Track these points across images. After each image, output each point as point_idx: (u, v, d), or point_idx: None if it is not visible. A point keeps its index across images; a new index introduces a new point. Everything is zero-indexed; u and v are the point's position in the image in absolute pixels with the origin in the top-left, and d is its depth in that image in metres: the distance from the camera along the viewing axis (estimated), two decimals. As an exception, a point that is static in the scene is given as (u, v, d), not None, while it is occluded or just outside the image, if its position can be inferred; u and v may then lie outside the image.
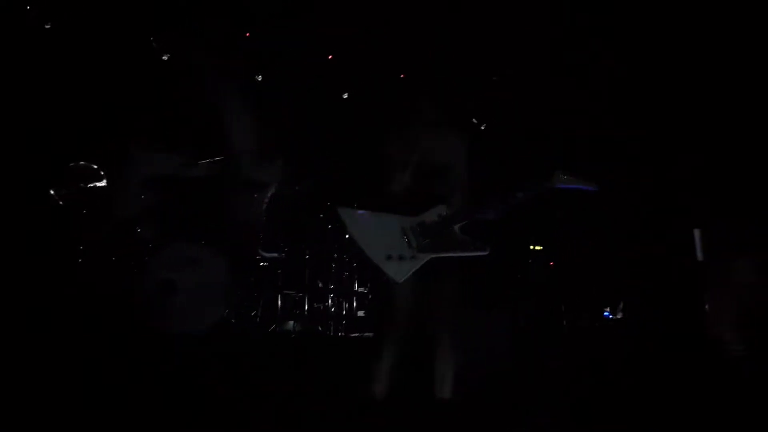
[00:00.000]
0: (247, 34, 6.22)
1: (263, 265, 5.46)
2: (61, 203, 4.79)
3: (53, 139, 5.12)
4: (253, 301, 5.32)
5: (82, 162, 4.96)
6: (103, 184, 4.99)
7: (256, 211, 5.50)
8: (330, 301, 5.74)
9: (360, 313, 5.83)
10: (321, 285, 5.73)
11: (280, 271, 5.46)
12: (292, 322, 5.49)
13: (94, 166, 5.00)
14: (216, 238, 5.07)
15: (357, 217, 2.91)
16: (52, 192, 4.78)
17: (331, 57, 6.36)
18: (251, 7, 6.00)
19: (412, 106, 3.09)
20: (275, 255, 5.45)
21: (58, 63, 5.37)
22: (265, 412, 3.31)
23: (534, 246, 5.90)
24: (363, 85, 6.39)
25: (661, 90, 5.67)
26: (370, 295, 5.75)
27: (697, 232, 5.71)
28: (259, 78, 6.36)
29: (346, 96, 6.48)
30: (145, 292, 4.45)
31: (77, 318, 4.15)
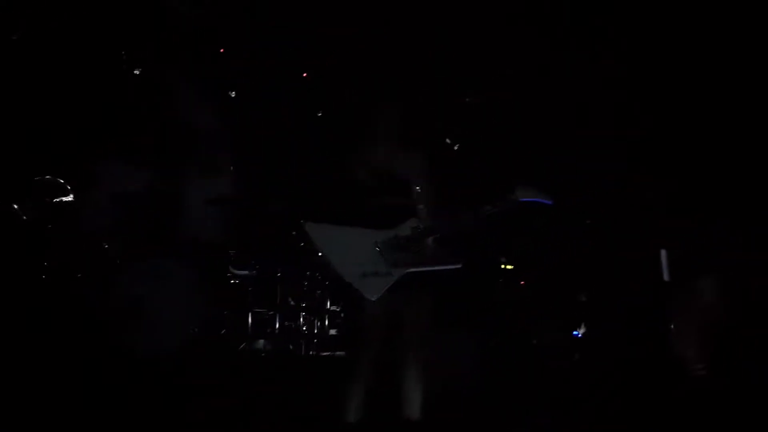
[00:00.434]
0: (221, 50, 6.21)
1: (234, 283, 5.40)
2: (26, 218, 4.69)
3: (19, 153, 5.01)
4: (223, 319, 5.24)
5: (49, 176, 4.87)
6: (70, 198, 4.90)
7: (226, 228, 5.46)
8: (302, 320, 5.69)
9: (332, 332, 5.78)
10: (293, 303, 5.68)
11: (251, 288, 5.40)
12: (262, 341, 5.42)
13: (61, 181, 4.91)
14: (184, 254, 5.01)
15: (328, 233, 2.85)
16: (17, 207, 4.68)
17: (306, 75, 6.38)
18: (226, 22, 6.00)
19: (373, 119, 3.07)
20: (246, 272, 5.40)
21: (26, 75, 5.27)
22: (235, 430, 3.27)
23: (505, 265, 5.95)
24: (329, 98, 6.38)
25: (628, 113, 5.82)
26: (342, 314, 5.72)
27: (663, 253, 5.85)
28: (232, 94, 6.34)
29: (320, 114, 6.49)
30: (112, 309, 4.36)
31: (41, 333, 4.05)
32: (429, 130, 3.27)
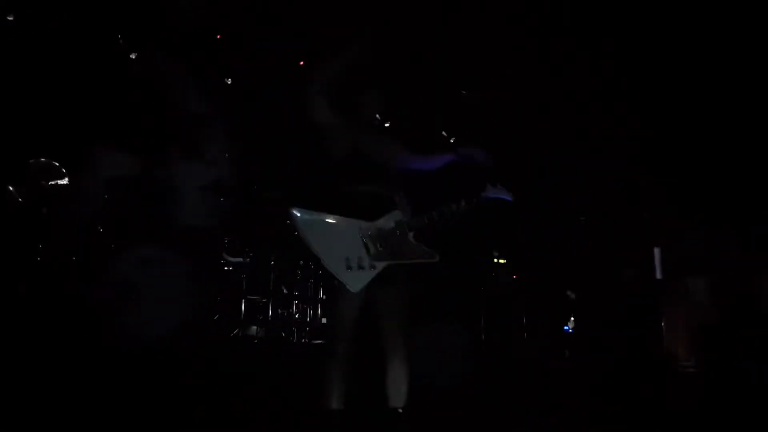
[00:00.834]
0: (218, 36, 6.17)
1: (227, 270, 5.41)
2: (20, 201, 4.68)
3: (14, 136, 5.00)
4: (216, 306, 5.26)
5: (44, 159, 4.86)
6: (65, 182, 4.89)
7: (221, 215, 5.45)
8: (294, 308, 5.71)
9: (324, 320, 5.81)
10: (285, 291, 5.70)
11: (244, 276, 5.41)
12: (255, 327, 5.44)
13: (56, 164, 4.90)
14: (179, 241, 5.01)
15: (314, 222, 2.83)
16: (12, 189, 4.67)
17: (302, 63, 6.34)
18: (221, 9, 5.95)
19: (353, 104, 3.06)
20: (240, 260, 5.41)
21: (21, 59, 5.24)
22: (226, 416, 3.29)
23: (498, 259, 5.96)
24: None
25: (622, 108, 5.81)
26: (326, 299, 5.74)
27: (657, 251, 5.88)
28: (228, 81, 6.31)
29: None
30: (105, 294, 4.36)
31: (34, 319, 4.05)
32: (425, 123, 3.27)
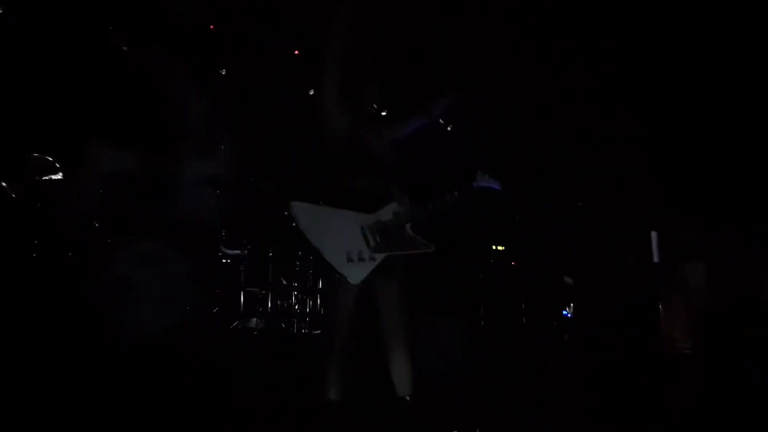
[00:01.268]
0: (211, 27, 6.12)
1: (225, 263, 5.40)
2: (14, 197, 4.64)
3: (7, 131, 4.95)
4: (215, 299, 5.25)
5: (37, 154, 4.82)
6: (59, 177, 4.85)
7: (218, 208, 5.44)
8: (293, 299, 5.71)
9: (323, 311, 5.81)
10: (284, 282, 5.69)
11: (242, 268, 5.40)
12: (254, 319, 5.44)
13: (50, 159, 4.86)
14: (177, 234, 4.99)
15: (314, 214, 2.85)
16: (5, 185, 4.63)
17: (297, 52, 6.30)
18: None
19: (353, 94, 3.07)
20: (237, 252, 5.40)
21: (15, 54, 5.18)
22: (227, 409, 3.29)
23: (496, 246, 5.98)
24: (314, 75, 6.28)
25: (618, 92, 5.81)
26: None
27: (654, 235, 5.91)
28: (222, 72, 6.26)
29: (312, 92, 6.43)
30: (103, 290, 4.35)
31: (31, 316, 4.03)
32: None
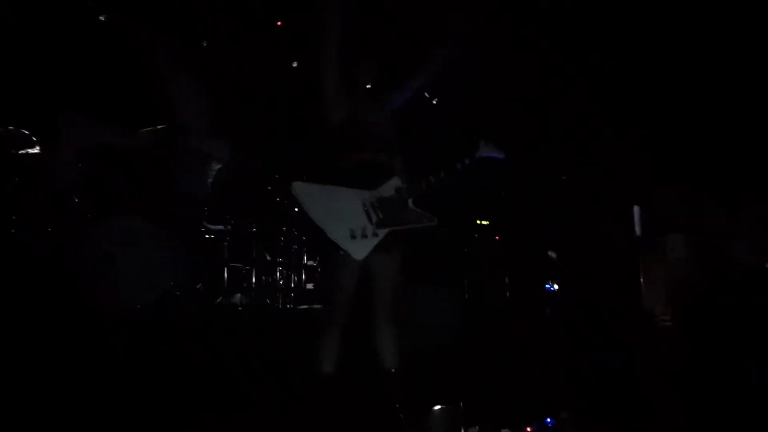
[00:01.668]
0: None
1: (208, 238, 5.35)
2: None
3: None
4: (199, 275, 5.21)
5: (12, 127, 4.70)
6: (37, 151, 4.75)
7: (201, 183, 5.37)
8: (278, 274, 5.69)
9: (309, 286, 5.81)
10: (269, 258, 5.67)
11: (226, 243, 5.36)
12: (239, 295, 5.42)
13: (26, 132, 4.74)
14: (159, 210, 4.93)
15: (315, 193, 2.85)
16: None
17: (279, 23, 6.18)
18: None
19: (350, 69, 3.05)
20: (221, 228, 5.35)
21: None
22: (212, 386, 3.29)
23: (480, 221, 6.01)
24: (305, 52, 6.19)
25: (601, 67, 5.80)
26: (319, 268, 5.74)
27: (636, 209, 5.97)
28: (204, 44, 6.13)
29: (295, 64, 6.34)
30: (84, 266, 4.29)
31: (7, 293, 3.97)
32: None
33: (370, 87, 3.12)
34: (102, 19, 5.58)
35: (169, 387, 3.20)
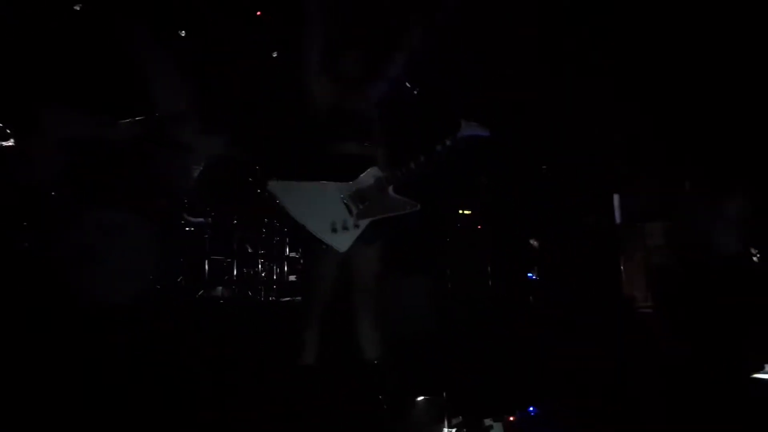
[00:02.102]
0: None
1: (189, 231, 5.30)
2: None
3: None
4: (179, 267, 5.16)
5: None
6: (11, 143, 4.65)
7: (181, 175, 5.32)
8: (260, 266, 5.66)
9: (291, 278, 5.80)
10: (250, 250, 5.63)
11: (206, 236, 5.31)
12: (220, 288, 5.39)
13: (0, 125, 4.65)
14: (138, 202, 4.86)
15: (293, 190, 2.84)
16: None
17: (259, 13, 6.11)
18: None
19: (332, 58, 3.04)
20: (201, 220, 5.30)
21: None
22: (193, 379, 3.26)
23: (462, 210, 6.02)
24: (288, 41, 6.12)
25: (582, 57, 5.82)
26: (301, 260, 5.72)
27: (616, 197, 6.04)
28: (182, 33, 6.03)
29: (275, 54, 6.28)
30: (63, 261, 4.22)
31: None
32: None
33: (355, 77, 3.09)
34: (77, 8, 5.47)
35: (153, 382, 3.17)
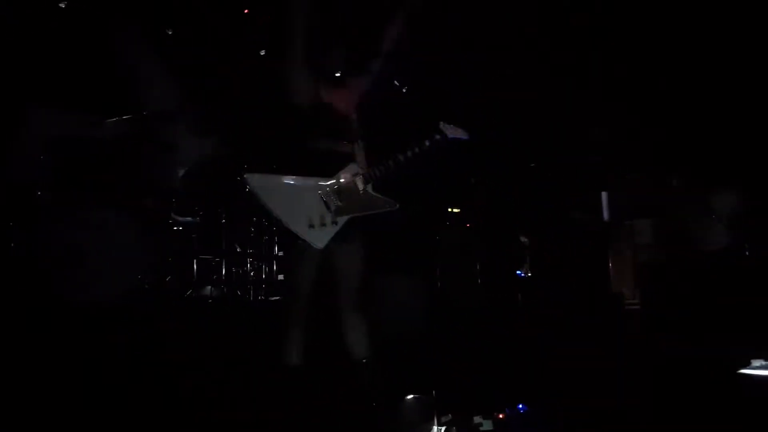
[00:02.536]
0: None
1: (177, 230, 5.27)
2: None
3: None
4: (167, 267, 5.13)
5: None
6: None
7: (168, 174, 5.28)
8: (248, 266, 5.64)
9: (280, 277, 5.78)
10: (239, 249, 5.61)
11: (195, 235, 5.29)
12: (209, 288, 5.36)
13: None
14: (126, 202, 4.83)
15: (271, 185, 2.82)
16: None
17: (246, 11, 6.08)
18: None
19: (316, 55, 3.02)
20: (189, 219, 5.27)
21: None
22: (182, 379, 3.25)
23: (451, 209, 6.03)
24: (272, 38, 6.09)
25: (571, 56, 5.84)
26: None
27: (604, 195, 6.07)
28: (169, 32, 5.99)
29: (263, 53, 6.25)
30: (49, 261, 4.19)
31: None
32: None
33: (339, 75, 3.08)
34: (62, 6, 5.42)
35: (138, 380, 3.16)
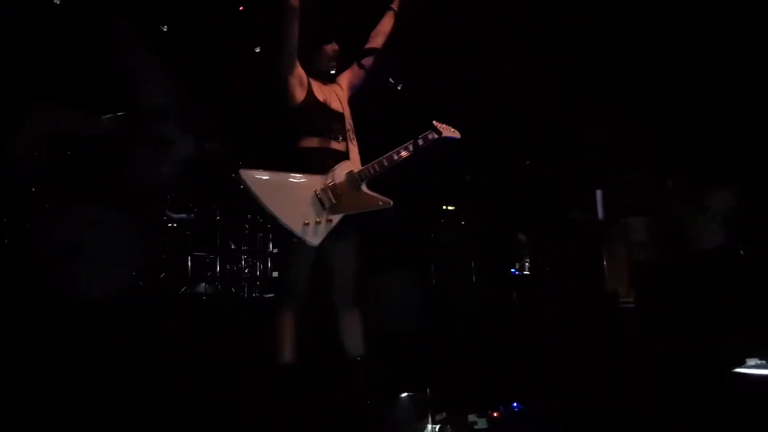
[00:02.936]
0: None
1: (171, 227, 5.25)
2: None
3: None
4: (162, 264, 5.12)
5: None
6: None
7: (163, 171, 5.26)
8: (243, 263, 5.63)
9: (275, 274, 5.77)
10: (233, 246, 5.60)
11: (189, 232, 5.27)
12: (203, 284, 5.35)
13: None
14: (120, 198, 4.82)
15: (266, 182, 2.82)
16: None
17: (242, 8, 6.05)
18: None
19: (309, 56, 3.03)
20: (184, 216, 5.26)
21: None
22: (175, 376, 3.24)
23: (446, 206, 6.03)
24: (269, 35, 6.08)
25: (567, 54, 5.84)
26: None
27: (599, 193, 6.07)
28: (164, 28, 5.96)
29: (258, 50, 6.23)
30: (45, 256, 4.18)
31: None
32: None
33: (333, 73, 3.09)
34: (57, 2, 5.38)
35: (132, 377, 3.15)
